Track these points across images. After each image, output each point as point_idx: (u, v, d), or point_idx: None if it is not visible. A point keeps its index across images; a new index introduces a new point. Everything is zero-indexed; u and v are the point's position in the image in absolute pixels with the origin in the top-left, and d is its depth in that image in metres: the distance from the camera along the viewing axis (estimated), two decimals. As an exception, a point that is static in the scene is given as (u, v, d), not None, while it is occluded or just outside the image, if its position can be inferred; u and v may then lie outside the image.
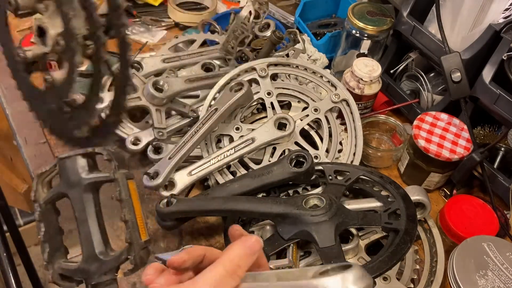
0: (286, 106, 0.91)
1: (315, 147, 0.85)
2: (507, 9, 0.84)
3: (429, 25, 0.94)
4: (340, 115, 0.89)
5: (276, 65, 0.90)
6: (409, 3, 0.95)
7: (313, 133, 0.88)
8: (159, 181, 0.75)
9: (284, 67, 0.91)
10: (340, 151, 0.85)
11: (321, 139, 0.86)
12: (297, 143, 0.84)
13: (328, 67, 1.07)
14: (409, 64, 1.01)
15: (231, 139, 0.84)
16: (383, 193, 0.74)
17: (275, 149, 0.83)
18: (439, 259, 0.73)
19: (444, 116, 0.89)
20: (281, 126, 0.82)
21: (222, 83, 0.88)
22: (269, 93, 0.88)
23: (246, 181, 0.76)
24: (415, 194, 0.74)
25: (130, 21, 1.15)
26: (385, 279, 0.67)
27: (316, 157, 0.83)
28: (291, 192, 0.78)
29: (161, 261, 0.41)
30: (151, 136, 0.84)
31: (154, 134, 0.83)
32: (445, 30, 0.87)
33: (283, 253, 0.68)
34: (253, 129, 0.82)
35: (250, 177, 0.76)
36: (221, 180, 0.80)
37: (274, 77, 0.91)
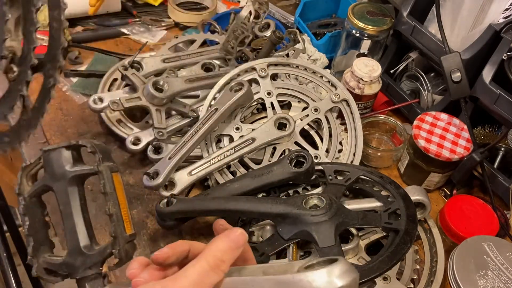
0: (286, 106, 0.91)
1: (315, 147, 0.85)
2: (507, 9, 0.84)
3: (429, 25, 0.94)
4: (340, 115, 0.89)
5: (276, 65, 0.90)
6: (409, 3, 0.95)
7: (313, 133, 0.88)
8: (159, 181, 0.75)
9: (284, 67, 0.91)
10: (340, 151, 0.85)
11: (321, 139, 0.87)
12: (297, 143, 0.84)
13: (328, 67, 1.07)
14: (409, 64, 1.01)
15: (231, 139, 0.84)
16: (383, 193, 0.74)
17: (275, 149, 0.83)
18: (439, 259, 0.73)
19: (444, 116, 0.89)
20: (281, 126, 0.82)
21: (222, 83, 0.88)
22: (269, 93, 0.88)
23: (246, 181, 0.76)
24: (415, 194, 0.74)
25: (130, 21, 1.16)
26: (385, 279, 0.67)
27: (316, 157, 0.83)
28: (291, 192, 0.78)
29: None
30: (151, 136, 0.84)
31: (154, 134, 0.83)
32: (445, 30, 0.87)
33: (283, 253, 0.68)
34: (253, 129, 0.82)
35: (250, 177, 0.76)
36: (221, 180, 0.80)
37: (274, 77, 0.91)
